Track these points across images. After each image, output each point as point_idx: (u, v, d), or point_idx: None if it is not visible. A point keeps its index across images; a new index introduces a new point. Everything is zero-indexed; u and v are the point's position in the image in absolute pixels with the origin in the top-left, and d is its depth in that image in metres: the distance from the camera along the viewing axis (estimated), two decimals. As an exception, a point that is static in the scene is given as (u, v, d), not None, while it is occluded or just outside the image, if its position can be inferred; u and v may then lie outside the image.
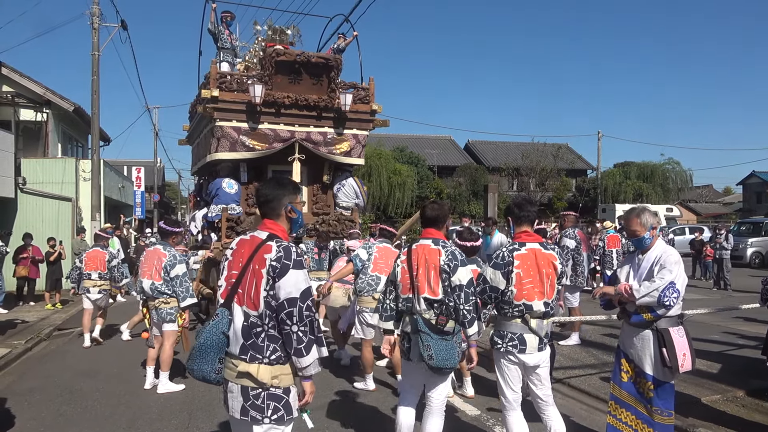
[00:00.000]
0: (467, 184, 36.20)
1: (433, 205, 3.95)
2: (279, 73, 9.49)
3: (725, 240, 14.91)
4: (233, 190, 9.61)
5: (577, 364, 6.65)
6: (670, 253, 3.68)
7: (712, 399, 5.29)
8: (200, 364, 2.64)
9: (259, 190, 2.86)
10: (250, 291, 2.63)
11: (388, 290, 3.87)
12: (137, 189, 27.12)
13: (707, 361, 6.52)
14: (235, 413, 2.64)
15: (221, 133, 9.41)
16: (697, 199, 47.45)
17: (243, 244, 2.76)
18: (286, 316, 2.56)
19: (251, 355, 2.60)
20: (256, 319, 2.61)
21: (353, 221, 10.20)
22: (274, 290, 2.58)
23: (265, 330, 2.60)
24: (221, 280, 2.78)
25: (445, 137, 44.61)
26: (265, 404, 2.60)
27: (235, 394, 2.64)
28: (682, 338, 3.58)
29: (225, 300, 2.69)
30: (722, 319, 9.21)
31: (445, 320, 3.57)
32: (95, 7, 15.78)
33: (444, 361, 3.49)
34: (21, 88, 16.88)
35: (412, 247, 3.79)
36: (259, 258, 2.63)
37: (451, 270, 3.58)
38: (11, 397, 5.80)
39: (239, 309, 2.65)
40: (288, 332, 2.58)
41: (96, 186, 15.75)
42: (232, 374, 2.63)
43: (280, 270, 2.58)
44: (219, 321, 2.65)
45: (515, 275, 3.67)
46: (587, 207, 35.56)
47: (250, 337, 2.61)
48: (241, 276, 2.66)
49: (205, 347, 2.62)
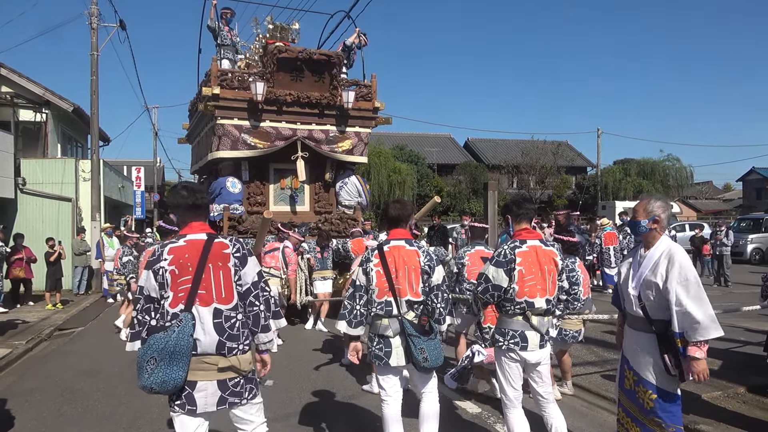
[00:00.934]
0: (467, 182, 36.19)
1: (396, 204, 3.83)
2: (281, 70, 9.44)
3: (725, 236, 14.91)
4: (237, 189, 9.57)
5: (578, 361, 6.65)
6: (676, 251, 3.24)
7: (713, 396, 5.29)
8: (172, 373, 2.66)
9: (195, 192, 2.98)
10: (218, 288, 2.81)
11: (357, 295, 3.63)
12: (137, 189, 27.10)
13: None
14: (210, 407, 2.79)
15: (222, 131, 9.36)
16: (697, 196, 47.43)
17: (181, 251, 2.82)
18: (254, 297, 2.89)
19: (229, 347, 2.79)
20: (230, 311, 2.82)
21: (356, 220, 10.18)
22: (241, 279, 2.87)
23: (238, 319, 2.84)
24: (166, 291, 2.77)
25: (444, 135, 44.59)
26: (243, 389, 2.87)
27: (209, 392, 2.77)
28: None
29: (185, 305, 2.75)
30: (722, 316, 9.18)
31: (427, 320, 3.58)
32: (93, 7, 15.76)
33: (436, 360, 3.54)
34: (20, 88, 16.86)
35: (384, 249, 3.64)
36: (216, 256, 2.83)
37: (431, 270, 3.59)
38: (12, 397, 5.80)
39: (207, 309, 2.78)
40: (256, 312, 2.90)
41: (96, 186, 15.74)
42: (209, 373, 2.76)
43: (242, 259, 2.89)
44: (185, 326, 2.70)
45: (517, 273, 3.65)
46: (587, 204, 35.56)
47: (225, 331, 2.79)
48: (197, 279, 2.77)
49: (177, 354, 2.66)
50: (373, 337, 3.64)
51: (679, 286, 3.14)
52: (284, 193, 10.27)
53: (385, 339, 3.57)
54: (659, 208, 3.32)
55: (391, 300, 3.57)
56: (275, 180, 10.24)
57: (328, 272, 9.20)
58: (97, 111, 15.85)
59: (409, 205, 3.88)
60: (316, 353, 7.57)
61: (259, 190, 10.03)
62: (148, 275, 2.81)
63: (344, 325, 3.63)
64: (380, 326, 3.59)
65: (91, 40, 15.70)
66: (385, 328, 3.58)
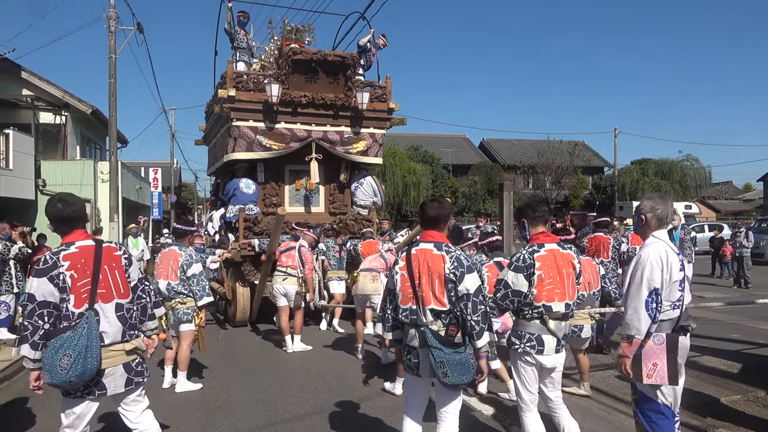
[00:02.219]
0: (482, 183, 36.06)
1: (434, 203, 3.49)
2: (295, 72, 9.46)
3: (745, 237, 14.68)
4: (251, 190, 9.62)
5: (594, 362, 6.59)
6: (644, 251, 3.28)
7: (732, 399, 5.21)
8: (88, 364, 3.04)
9: (70, 204, 3.30)
10: (116, 286, 3.28)
11: (387, 299, 3.51)
12: (154, 190, 27.42)
13: (727, 360, 6.42)
14: (119, 389, 3.25)
15: (238, 132, 9.43)
16: (717, 196, 46.77)
17: (76, 257, 3.18)
18: (141, 291, 3.45)
19: (131, 334, 3.32)
20: (129, 304, 3.34)
21: (370, 221, 10.17)
22: (130, 276, 3.38)
23: (134, 310, 3.39)
24: (65, 294, 3.11)
25: (459, 135, 44.47)
26: (143, 367, 3.41)
27: (117, 375, 3.24)
28: (658, 346, 3.22)
29: (88, 304, 3.15)
30: (742, 318, 9.08)
31: (456, 330, 3.22)
32: (112, 10, 15.97)
33: (459, 377, 3.17)
34: (40, 91, 17.16)
35: (412, 251, 3.39)
36: (108, 258, 3.28)
37: (457, 278, 3.22)
38: (32, 396, 5.88)
39: (109, 305, 3.23)
40: (144, 304, 3.45)
41: (114, 187, 15.95)
42: (117, 359, 3.23)
43: (129, 259, 3.41)
44: (92, 323, 3.11)
45: (536, 277, 3.60)
46: (604, 205, 35.23)
47: (127, 321, 3.30)
48: (95, 280, 3.19)
49: (90, 348, 3.06)
50: (405, 346, 3.44)
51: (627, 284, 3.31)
52: (299, 194, 10.30)
53: (413, 350, 3.35)
54: (645, 207, 3.38)
55: (416, 308, 3.31)
56: (290, 181, 10.27)
57: (343, 273, 9.22)
58: (115, 113, 16.05)
59: (447, 204, 3.55)
60: (331, 353, 7.60)
61: (275, 191, 10.09)
62: (42, 282, 3.07)
63: (381, 328, 3.62)
64: (408, 335, 3.38)
65: (109, 43, 15.90)
66: (411, 337, 3.35)
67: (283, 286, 7.79)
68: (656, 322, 3.22)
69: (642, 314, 3.18)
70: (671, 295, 3.24)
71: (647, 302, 3.17)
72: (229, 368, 6.92)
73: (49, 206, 3.29)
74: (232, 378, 6.49)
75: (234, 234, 9.75)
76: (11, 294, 8.90)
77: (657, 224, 3.36)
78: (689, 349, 3.43)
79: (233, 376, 6.55)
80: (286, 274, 7.83)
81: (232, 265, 9.62)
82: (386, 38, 11.17)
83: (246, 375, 6.61)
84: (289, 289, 7.78)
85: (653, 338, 3.23)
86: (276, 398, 5.69)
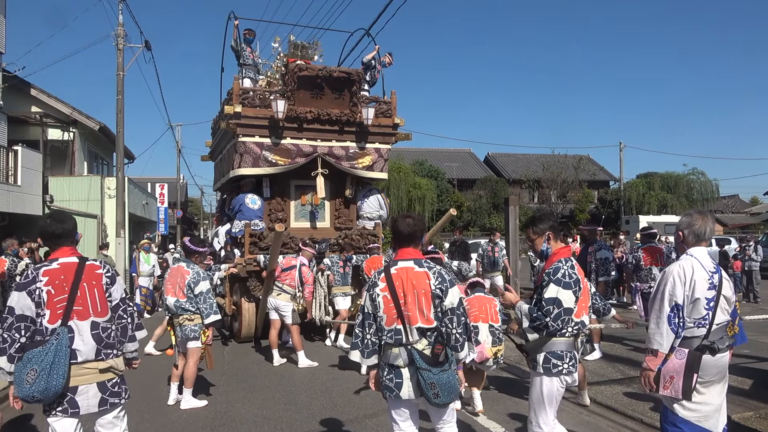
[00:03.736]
0: (487, 197, 36.07)
1: (407, 219, 3.42)
2: (301, 88, 9.52)
3: (754, 251, 14.59)
4: (256, 205, 9.64)
5: (603, 379, 6.53)
6: (668, 267, 3.36)
7: (744, 416, 5.13)
8: (52, 381, 3.02)
9: (59, 222, 3.38)
10: (93, 304, 3.23)
11: (365, 323, 3.35)
12: (161, 205, 27.55)
13: (738, 376, 6.34)
14: (92, 408, 3.21)
15: (244, 148, 9.47)
16: (724, 210, 46.57)
17: (56, 273, 3.20)
18: (123, 312, 3.38)
19: (106, 353, 3.24)
20: (106, 323, 3.27)
21: (376, 235, 10.16)
22: (111, 295, 3.33)
23: (113, 329, 3.31)
24: (42, 309, 3.13)
25: (464, 150, 44.60)
26: (120, 389, 3.33)
27: (90, 394, 3.19)
28: (679, 361, 3.22)
29: (62, 320, 3.13)
30: (754, 333, 8.97)
31: (442, 349, 3.22)
32: (120, 28, 16.18)
33: (449, 395, 3.21)
34: (49, 108, 17.33)
35: (391, 271, 3.30)
36: (89, 276, 3.27)
37: (443, 293, 3.23)
38: (37, 411, 5.86)
39: (84, 323, 3.19)
40: (124, 324, 3.38)
41: (121, 203, 16.05)
42: (90, 377, 3.18)
43: (112, 278, 3.36)
44: (62, 339, 3.09)
45: (581, 293, 3.53)
46: (610, 219, 35.11)
47: (103, 340, 3.23)
48: (72, 297, 3.17)
49: (57, 364, 3.04)
50: (384, 366, 3.33)
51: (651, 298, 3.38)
52: (305, 209, 10.32)
53: (395, 369, 3.26)
54: (683, 223, 3.42)
55: (401, 328, 3.24)
56: (296, 196, 10.31)
57: (348, 288, 9.19)
58: (122, 129, 16.19)
59: (420, 220, 3.49)
60: (337, 370, 7.55)
61: (280, 207, 10.11)
62: (21, 296, 3.12)
63: (357, 355, 3.38)
64: (390, 355, 3.28)
65: (117, 60, 16.10)
66: (395, 357, 3.27)
67: (275, 300, 7.92)
68: (680, 337, 3.21)
69: (664, 329, 3.19)
70: (694, 313, 3.22)
71: (669, 317, 3.19)
72: (235, 385, 6.89)
73: (39, 222, 3.39)
74: (238, 395, 6.45)
75: (240, 249, 9.76)
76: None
77: (694, 241, 3.35)
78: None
79: (239, 393, 6.52)
80: (280, 290, 7.95)
81: (237, 280, 9.60)
82: (392, 56, 11.24)
83: (251, 392, 6.57)
84: (279, 304, 7.90)
85: (676, 353, 3.24)
86: (281, 416, 5.65)
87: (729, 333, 3.35)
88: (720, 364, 3.28)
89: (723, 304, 3.28)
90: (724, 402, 3.36)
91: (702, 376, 3.21)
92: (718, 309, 3.25)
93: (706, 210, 4.59)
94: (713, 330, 3.23)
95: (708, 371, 3.22)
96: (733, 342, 3.40)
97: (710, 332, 3.22)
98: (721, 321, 3.28)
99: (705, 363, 3.21)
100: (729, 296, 3.31)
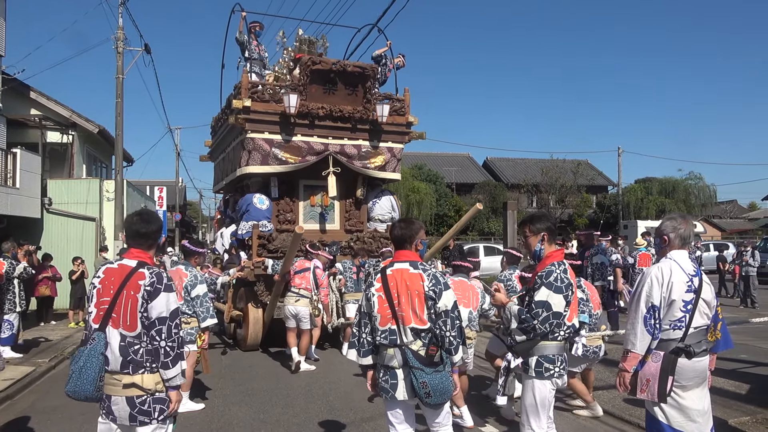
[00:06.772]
0: (486, 202, 36.05)
1: (401, 223, 3.57)
2: (314, 82, 9.09)
3: (751, 257, 14.61)
4: (264, 206, 9.17)
5: (601, 384, 6.53)
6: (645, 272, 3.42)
7: (741, 421, 5.14)
8: (81, 385, 2.95)
9: (144, 222, 3.21)
10: (125, 315, 3.01)
11: (362, 323, 3.45)
12: (159, 208, 27.47)
13: (735, 381, 6.36)
14: (124, 420, 3.01)
15: (252, 145, 9.00)
16: (722, 215, 46.60)
17: (111, 273, 3.10)
18: (156, 333, 3.01)
19: (133, 368, 2.99)
20: (133, 339, 3.01)
21: (388, 238, 9.80)
22: (147, 311, 3.00)
23: (142, 347, 3.02)
24: (91, 306, 3.08)
25: (463, 155, 44.60)
26: (151, 408, 3.02)
27: (120, 406, 3.00)
28: (654, 364, 3.21)
29: (99, 324, 3.02)
30: (748, 338, 8.99)
31: (436, 350, 3.27)
32: (120, 32, 16.19)
33: (441, 395, 3.25)
34: (48, 111, 17.31)
35: (387, 272, 3.39)
36: (132, 285, 3.03)
37: (437, 295, 3.27)
38: (35, 415, 5.87)
39: (115, 332, 3.01)
40: (156, 347, 3.01)
41: (119, 206, 16.01)
42: (116, 388, 2.99)
43: (153, 293, 3.02)
44: (96, 344, 2.99)
45: (572, 297, 3.52)
46: (608, 224, 35.14)
47: (129, 354, 2.99)
48: (113, 302, 3.02)
49: (86, 369, 2.96)
50: (380, 368, 3.39)
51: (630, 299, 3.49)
52: (314, 210, 9.86)
53: (390, 370, 3.32)
54: (668, 227, 3.40)
55: (395, 328, 3.31)
56: (305, 197, 9.83)
57: (360, 295, 8.94)
58: (121, 132, 16.17)
59: (416, 223, 3.58)
60: (335, 374, 7.54)
61: (289, 207, 9.63)
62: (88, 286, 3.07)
63: (354, 354, 3.48)
64: (386, 356, 3.34)
65: (116, 63, 16.10)
66: (390, 358, 3.32)
67: (295, 308, 7.66)
68: (656, 339, 3.21)
69: (638, 329, 3.22)
70: (670, 315, 3.22)
71: (645, 318, 3.20)
72: (232, 388, 6.88)
73: (126, 218, 3.31)
74: (235, 398, 6.45)
75: (246, 252, 9.22)
76: (15, 313, 8.90)
77: (680, 244, 3.37)
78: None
79: (236, 396, 6.51)
80: (298, 296, 7.69)
81: (244, 285, 9.06)
82: (405, 58, 10.89)
83: (249, 395, 6.57)
84: (301, 310, 7.65)
85: (652, 356, 3.23)
86: (278, 419, 5.65)
87: (710, 338, 3.33)
88: (698, 368, 3.26)
89: (702, 308, 3.27)
90: (709, 407, 3.34)
91: (678, 379, 3.19)
92: (696, 312, 3.24)
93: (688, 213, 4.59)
94: (690, 333, 3.23)
95: (684, 375, 3.21)
96: (713, 347, 3.38)
97: (687, 335, 3.22)
98: (700, 324, 3.27)
99: (681, 366, 3.20)
100: (709, 300, 3.29)
